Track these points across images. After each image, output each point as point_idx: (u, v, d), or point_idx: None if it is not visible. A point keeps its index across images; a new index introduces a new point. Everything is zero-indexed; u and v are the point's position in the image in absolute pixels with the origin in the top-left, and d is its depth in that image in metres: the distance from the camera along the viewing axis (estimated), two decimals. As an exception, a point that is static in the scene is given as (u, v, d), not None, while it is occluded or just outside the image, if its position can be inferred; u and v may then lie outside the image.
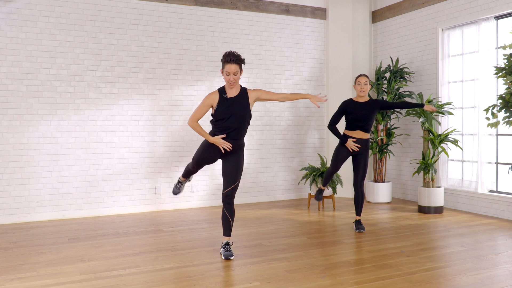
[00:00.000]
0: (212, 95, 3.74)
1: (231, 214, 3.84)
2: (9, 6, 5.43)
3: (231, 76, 3.63)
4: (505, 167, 9.47)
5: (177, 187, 3.93)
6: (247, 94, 3.77)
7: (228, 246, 3.91)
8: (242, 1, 6.67)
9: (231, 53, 3.62)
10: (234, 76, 3.64)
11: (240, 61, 3.63)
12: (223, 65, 3.65)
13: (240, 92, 3.77)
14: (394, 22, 7.07)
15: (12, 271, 3.59)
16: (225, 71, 3.63)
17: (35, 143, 5.56)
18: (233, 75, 3.63)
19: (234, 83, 3.67)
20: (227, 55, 3.61)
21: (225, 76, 3.65)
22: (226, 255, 3.82)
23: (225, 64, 3.62)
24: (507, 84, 4.56)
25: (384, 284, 3.21)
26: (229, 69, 3.61)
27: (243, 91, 3.79)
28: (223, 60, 3.65)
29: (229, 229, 3.89)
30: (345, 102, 4.79)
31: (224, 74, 3.65)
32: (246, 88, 3.83)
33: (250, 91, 3.80)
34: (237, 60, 3.61)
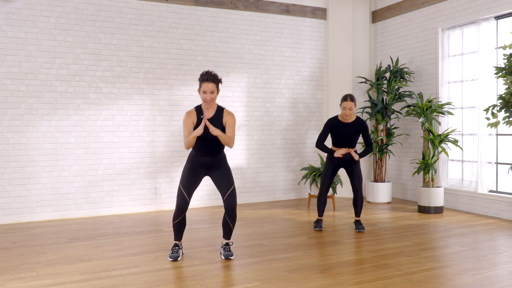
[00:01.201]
0: (191, 114, 3.77)
1: (232, 221, 3.85)
2: (9, 6, 5.43)
3: (208, 94, 3.66)
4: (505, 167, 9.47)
5: (174, 250, 3.89)
6: (222, 115, 3.80)
7: (228, 246, 3.91)
8: (242, 1, 6.67)
9: (208, 72, 3.68)
10: (211, 94, 3.66)
11: (216, 80, 3.68)
12: (200, 84, 3.69)
13: (216, 112, 3.80)
14: (394, 22, 7.07)
15: (12, 271, 3.59)
16: (202, 90, 3.67)
17: (35, 143, 5.56)
18: (210, 94, 3.66)
19: (211, 101, 3.69)
20: (204, 74, 3.67)
21: (202, 95, 3.68)
22: (226, 255, 3.83)
23: (202, 83, 3.67)
24: (507, 84, 4.56)
25: (384, 284, 3.21)
26: (206, 87, 3.64)
27: (219, 112, 3.81)
28: (200, 79, 3.69)
29: (229, 233, 3.91)
30: (330, 121, 4.86)
31: (201, 93, 3.68)
32: (224, 108, 3.82)
33: (225, 114, 3.80)
34: (213, 79, 3.66)
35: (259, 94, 6.84)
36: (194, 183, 3.82)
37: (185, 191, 3.77)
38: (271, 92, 6.93)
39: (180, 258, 3.85)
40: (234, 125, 3.80)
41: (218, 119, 3.77)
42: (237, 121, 6.68)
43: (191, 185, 3.81)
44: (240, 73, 6.70)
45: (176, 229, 3.86)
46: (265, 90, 6.88)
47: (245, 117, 6.74)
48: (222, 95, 6.57)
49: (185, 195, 3.76)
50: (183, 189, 3.77)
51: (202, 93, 3.67)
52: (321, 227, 4.89)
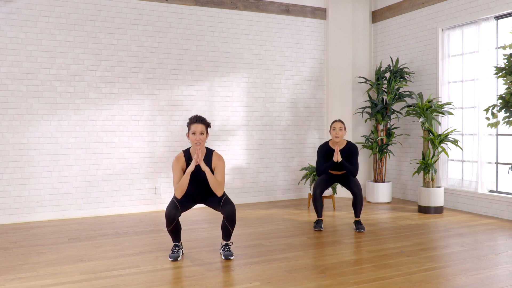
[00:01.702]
0: (180, 161, 3.79)
1: (232, 226, 3.86)
2: (9, 6, 5.43)
3: (197, 135, 3.68)
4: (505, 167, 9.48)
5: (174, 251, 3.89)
6: (211, 160, 3.82)
7: (227, 246, 3.91)
8: (242, 1, 6.67)
9: (196, 116, 3.74)
10: (201, 135, 3.69)
11: (205, 122, 3.73)
12: (189, 126, 3.72)
13: (206, 155, 3.83)
14: (394, 22, 7.07)
15: (12, 271, 3.59)
16: (191, 131, 3.69)
17: (35, 143, 5.56)
18: (199, 135, 3.68)
19: (201, 143, 3.70)
20: (193, 117, 3.74)
21: (191, 137, 3.70)
22: (226, 255, 3.83)
23: (191, 125, 3.71)
24: (507, 84, 4.56)
25: (384, 284, 3.21)
26: (195, 128, 3.68)
27: (209, 155, 3.84)
28: (188, 122, 3.74)
29: (229, 235, 3.92)
30: (322, 147, 4.96)
31: (190, 134, 3.70)
32: (213, 151, 3.85)
33: (215, 157, 3.82)
34: (202, 121, 3.71)
35: (259, 94, 6.84)
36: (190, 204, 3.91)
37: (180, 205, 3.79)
38: (271, 92, 6.93)
39: (180, 258, 3.85)
40: (224, 170, 3.81)
41: (208, 163, 3.82)
42: (237, 121, 6.68)
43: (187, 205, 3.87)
44: (240, 73, 6.70)
45: (171, 233, 3.86)
46: (265, 90, 6.88)
47: (245, 117, 6.74)
48: (222, 95, 6.57)
49: (179, 206, 3.78)
50: (177, 202, 3.79)
51: (192, 134, 3.69)
52: (321, 227, 4.90)
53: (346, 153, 4.91)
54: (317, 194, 4.90)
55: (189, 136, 3.72)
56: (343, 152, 4.92)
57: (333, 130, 4.86)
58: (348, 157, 4.91)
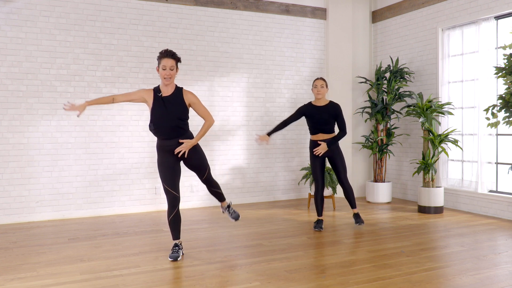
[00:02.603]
0: (147, 91, 3.75)
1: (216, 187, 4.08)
2: (9, 6, 5.43)
3: (167, 70, 3.65)
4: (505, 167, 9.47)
5: (174, 250, 3.88)
6: (182, 93, 3.77)
7: (230, 207, 4.17)
8: (242, 1, 6.67)
9: (167, 50, 3.69)
10: (170, 71, 3.66)
11: (176, 57, 3.68)
12: (159, 61, 3.67)
13: (175, 91, 3.77)
14: (394, 22, 7.07)
15: (12, 271, 3.59)
16: (161, 66, 3.65)
17: (35, 143, 5.56)
18: (169, 70, 3.65)
19: (170, 78, 3.67)
20: (163, 51, 3.68)
21: (161, 71, 3.66)
22: (235, 216, 4.05)
23: (161, 59, 3.66)
24: (507, 84, 4.56)
25: (384, 284, 3.21)
26: (166, 63, 3.64)
27: (178, 90, 3.79)
28: (158, 56, 3.69)
29: (221, 196, 4.15)
30: (303, 106, 4.91)
31: (160, 69, 3.66)
32: (182, 88, 3.82)
33: (185, 92, 3.79)
34: (173, 55, 3.67)
35: (259, 94, 6.84)
36: (173, 174, 3.79)
37: (169, 186, 3.77)
38: (271, 92, 6.93)
39: (180, 258, 3.85)
40: (200, 101, 3.80)
41: (178, 98, 3.74)
42: (237, 121, 6.68)
43: (171, 177, 3.78)
44: (240, 73, 6.69)
45: (172, 225, 3.84)
46: (265, 90, 6.88)
47: (245, 117, 6.74)
48: (223, 95, 6.57)
49: (170, 190, 3.76)
50: (166, 186, 3.77)
51: (162, 69, 3.65)
52: (321, 228, 4.89)
53: (331, 113, 4.81)
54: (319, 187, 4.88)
55: (159, 70, 3.68)
56: (325, 109, 4.81)
57: (315, 87, 4.80)
58: (333, 117, 4.81)
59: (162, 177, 3.78)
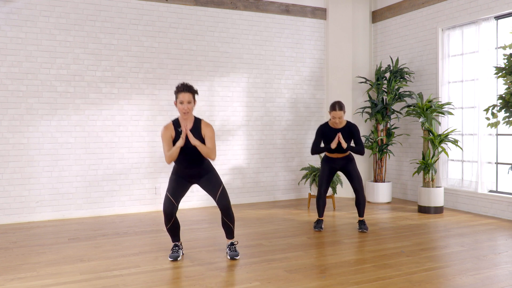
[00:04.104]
0: (168, 129, 3.77)
1: (230, 220, 3.86)
2: (9, 6, 5.43)
3: (185, 104, 3.67)
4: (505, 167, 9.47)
5: (174, 250, 3.89)
6: (200, 127, 3.81)
7: (233, 246, 3.92)
8: (242, 1, 6.67)
9: (183, 83, 3.72)
10: (188, 104, 3.67)
11: (192, 90, 3.71)
12: (177, 95, 3.70)
13: (194, 125, 3.81)
14: (394, 22, 7.07)
15: (12, 271, 3.59)
16: (179, 100, 3.68)
17: (35, 143, 5.56)
18: (187, 104, 3.67)
19: (188, 112, 3.69)
20: (180, 85, 3.71)
21: (179, 106, 3.68)
22: (232, 255, 3.84)
23: (178, 94, 3.69)
24: (507, 84, 4.56)
25: (384, 284, 3.21)
26: (183, 97, 3.66)
27: (197, 124, 3.81)
28: (175, 91, 3.72)
29: (231, 233, 3.93)
30: (321, 127, 4.87)
31: (178, 103, 3.69)
32: (201, 120, 3.84)
33: (203, 125, 3.81)
34: (189, 89, 3.69)
35: (259, 94, 6.84)
36: (181, 191, 3.85)
37: (173, 197, 3.79)
38: (271, 92, 6.93)
39: (180, 258, 3.85)
40: (213, 136, 3.80)
41: (197, 131, 3.79)
42: (237, 121, 6.68)
43: (178, 192, 3.83)
44: (240, 73, 6.70)
45: (170, 232, 3.87)
46: (265, 90, 6.88)
47: (245, 117, 6.74)
48: (222, 95, 6.57)
49: (173, 200, 3.78)
50: (170, 196, 3.78)
51: (179, 104, 3.68)
52: (321, 228, 4.89)
53: (348, 134, 4.79)
54: (321, 192, 4.88)
55: (177, 104, 3.70)
56: (343, 132, 4.79)
57: (333, 119, 4.74)
58: (350, 137, 4.81)
59: (171, 189, 3.81)
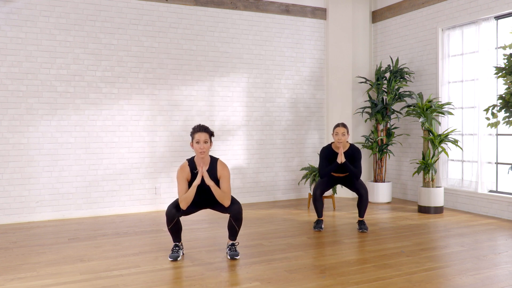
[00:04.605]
0: (184, 170, 3.78)
1: (239, 226, 3.87)
2: (9, 6, 5.43)
3: (201, 144, 3.68)
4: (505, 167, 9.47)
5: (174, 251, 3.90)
6: (216, 168, 3.83)
7: (233, 246, 3.92)
8: (242, 1, 6.67)
9: (200, 125, 3.75)
10: (204, 144, 3.69)
11: (209, 131, 3.73)
12: (193, 136, 3.72)
13: (210, 165, 3.83)
14: (394, 22, 7.07)
15: (12, 271, 3.59)
16: (195, 140, 3.70)
17: (35, 143, 5.56)
18: (203, 143, 3.69)
19: (205, 152, 3.70)
20: (196, 126, 3.75)
21: (195, 146, 3.70)
22: (232, 255, 3.85)
23: (195, 134, 3.71)
24: (507, 84, 4.56)
25: (384, 284, 3.21)
26: (199, 137, 3.68)
27: (213, 164, 3.83)
28: (192, 132, 3.75)
29: (235, 235, 3.93)
30: (325, 149, 4.89)
31: (194, 143, 3.71)
32: (217, 160, 3.85)
33: (219, 166, 3.82)
34: (206, 129, 3.72)
35: (259, 94, 6.84)
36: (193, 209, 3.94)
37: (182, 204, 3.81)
38: (271, 92, 6.93)
39: (180, 258, 3.85)
40: (229, 179, 3.81)
41: (212, 172, 3.81)
42: (237, 121, 6.68)
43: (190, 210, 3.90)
44: (240, 73, 6.70)
45: (172, 232, 3.87)
46: (265, 90, 6.88)
47: (245, 117, 6.74)
48: (222, 95, 6.57)
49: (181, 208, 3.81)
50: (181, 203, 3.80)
51: (196, 143, 3.70)
52: (321, 228, 4.89)
53: (349, 157, 4.86)
54: (317, 195, 4.89)
55: (193, 145, 3.73)
56: (346, 155, 4.86)
57: (336, 135, 4.78)
58: (351, 161, 4.86)
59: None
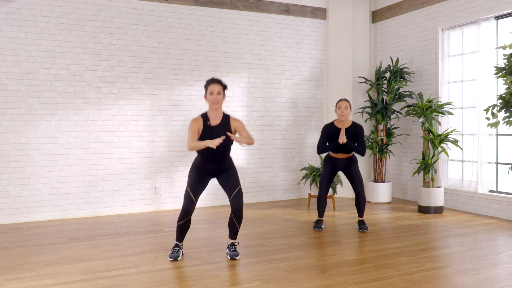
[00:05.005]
0: (197, 121, 3.79)
1: (239, 221, 3.87)
2: (9, 6, 5.43)
3: (215, 95, 3.69)
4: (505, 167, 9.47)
5: (174, 251, 3.90)
6: (229, 123, 3.83)
7: (233, 246, 3.92)
8: (242, 1, 6.67)
9: (213, 77, 3.78)
10: (218, 95, 3.70)
11: (222, 83, 3.74)
12: (206, 88, 3.74)
13: (222, 120, 3.83)
14: (394, 22, 7.07)
15: (12, 271, 3.59)
16: (209, 91, 3.71)
17: (35, 143, 5.56)
18: (217, 94, 3.69)
19: (218, 103, 3.71)
20: (209, 78, 3.78)
21: (209, 97, 3.71)
22: (232, 255, 3.84)
23: (208, 86, 3.72)
24: (507, 84, 4.56)
25: (384, 284, 3.21)
26: (213, 88, 3.69)
27: (226, 119, 3.84)
28: (206, 84, 3.75)
29: (235, 233, 3.92)
30: (327, 126, 4.85)
31: (208, 95, 3.72)
32: (229, 116, 3.87)
33: (232, 120, 3.84)
34: (219, 81, 3.73)
35: (259, 94, 6.84)
36: (202, 186, 3.86)
37: (193, 193, 3.79)
38: (271, 92, 6.93)
39: (180, 258, 3.85)
40: (244, 126, 3.87)
41: (225, 126, 3.80)
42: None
43: (199, 188, 3.84)
44: (240, 73, 6.70)
45: (179, 230, 3.86)
46: (265, 90, 6.88)
47: (245, 117, 6.74)
48: (222, 95, 6.56)
49: (193, 197, 3.79)
50: (190, 192, 3.79)
51: (209, 94, 3.70)
52: (321, 228, 4.89)
53: (352, 134, 4.77)
54: (322, 193, 4.87)
55: (207, 96, 3.73)
56: (348, 132, 4.77)
57: (339, 109, 4.73)
58: (354, 138, 4.79)
59: (191, 184, 3.82)
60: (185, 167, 6.33)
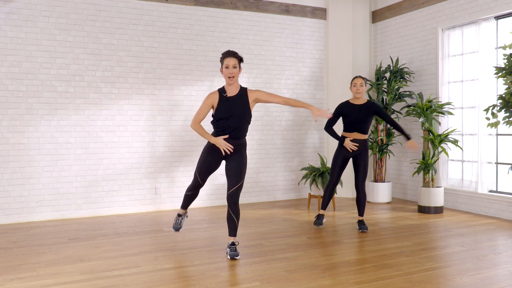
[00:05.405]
0: (213, 95, 3.79)
1: (236, 214, 3.85)
2: (9, 6, 5.43)
3: (230, 69, 3.69)
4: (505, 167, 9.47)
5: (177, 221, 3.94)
6: (246, 94, 3.83)
7: (234, 246, 3.91)
8: (242, 1, 6.67)
9: (229, 50, 3.76)
10: (234, 69, 3.70)
11: (237, 56, 3.73)
12: (222, 61, 3.74)
13: (239, 91, 3.83)
14: (394, 22, 7.07)
15: (12, 271, 3.59)
16: (225, 65, 3.71)
17: (35, 143, 5.56)
18: (233, 68, 3.69)
19: (234, 77, 3.71)
20: (225, 52, 3.75)
21: (225, 71, 3.71)
22: (232, 255, 3.84)
23: (224, 59, 3.72)
24: (507, 84, 4.56)
25: (384, 284, 3.21)
26: (229, 62, 3.69)
27: (243, 91, 3.85)
28: (222, 57, 3.75)
29: (234, 229, 3.91)
30: (341, 105, 4.84)
31: (224, 69, 3.72)
32: (246, 88, 3.89)
33: (250, 91, 3.85)
34: (234, 54, 3.72)
35: (259, 94, 6.83)
36: (210, 166, 3.88)
37: (200, 173, 3.88)
38: (271, 92, 6.93)
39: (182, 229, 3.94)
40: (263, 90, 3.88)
41: (243, 98, 3.79)
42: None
43: (208, 167, 3.87)
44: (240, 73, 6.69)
45: (186, 198, 4.06)
46: (265, 90, 6.88)
47: (245, 117, 6.74)
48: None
49: (198, 178, 3.89)
50: (198, 175, 3.90)
51: (225, 68, 3.70)
52: (321, 224, 4.87)
53: (368, 110, 4.72)
54: (333, 180, 4.86)
55: (222, 70, 3.73)
56: (363, 108, 4.73)
57: (354, 86, 4.73)
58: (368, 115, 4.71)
59: (201, 162, 3.86)
60: (185, 167, 6.34)
